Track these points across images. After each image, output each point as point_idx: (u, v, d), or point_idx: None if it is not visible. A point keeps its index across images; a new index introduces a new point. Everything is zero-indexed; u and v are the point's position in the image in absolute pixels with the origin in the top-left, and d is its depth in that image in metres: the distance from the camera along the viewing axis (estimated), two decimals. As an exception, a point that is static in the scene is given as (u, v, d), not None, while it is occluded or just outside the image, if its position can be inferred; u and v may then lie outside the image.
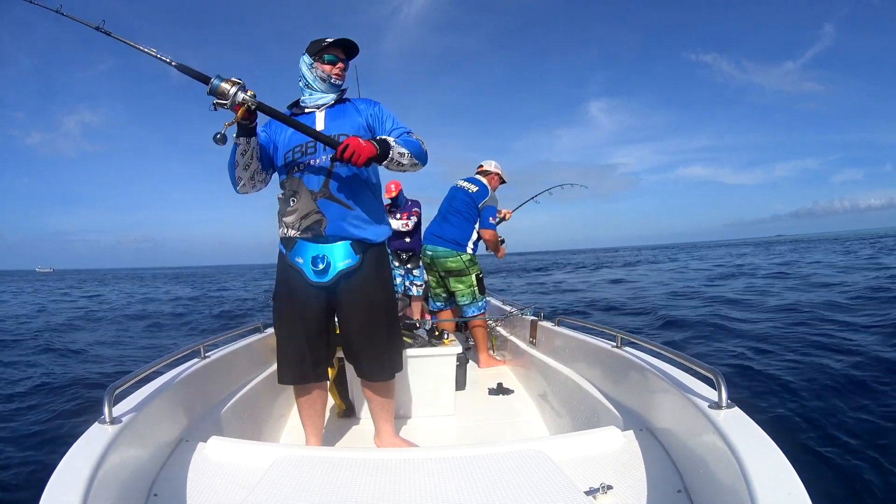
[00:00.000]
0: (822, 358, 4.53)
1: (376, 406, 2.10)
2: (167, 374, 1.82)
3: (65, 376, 5.13)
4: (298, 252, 1.88)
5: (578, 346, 2.51)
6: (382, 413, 2.11)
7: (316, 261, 1.85)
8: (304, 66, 1.95)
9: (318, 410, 2.08)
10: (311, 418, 2.08)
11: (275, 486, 1.34)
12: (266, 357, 2.79)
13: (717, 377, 1.34)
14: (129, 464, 1.30)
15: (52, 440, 3.33)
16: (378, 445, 2.13)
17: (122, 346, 7.64)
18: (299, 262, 1.88)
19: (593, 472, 1.43)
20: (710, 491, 1.21)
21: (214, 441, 1.62)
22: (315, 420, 2.08)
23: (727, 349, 5.25)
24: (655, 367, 1.73)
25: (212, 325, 10.08)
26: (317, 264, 1.85)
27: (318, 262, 1.84)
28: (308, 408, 2.06)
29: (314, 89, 1.95)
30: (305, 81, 1.95)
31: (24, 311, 14.13)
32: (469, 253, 3.64)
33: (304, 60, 1.95)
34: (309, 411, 2.06)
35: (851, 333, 5.47)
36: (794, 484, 0.96)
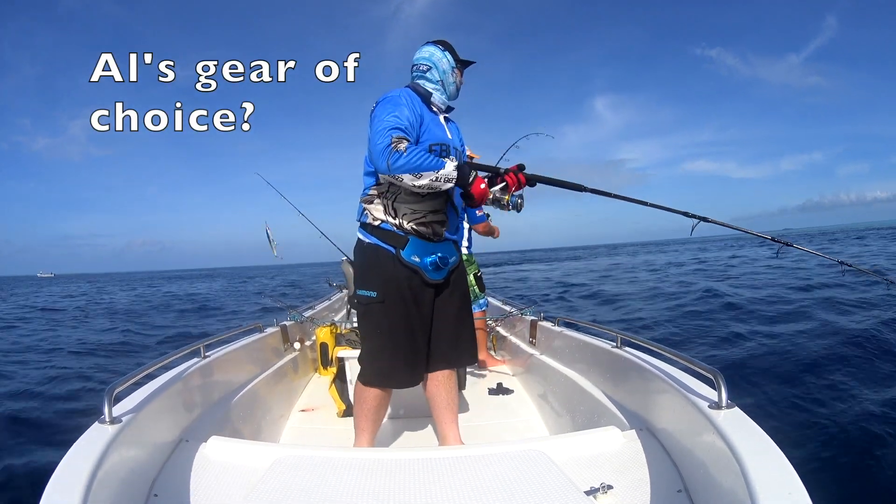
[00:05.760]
0: (822, 358, 4.53)
1: (443, 404, 2.00)
2: (167, 374, 1.81)
3: (69, 372, 5.13)
4: (414, 250, 1.82)
5: (578, 346, 2.51)
6: (449, 413, 2.01)
7: (435, 259, 1.84)
8: (447, 64, 1.93)
9: (383, 414, 2.04)
10: (377, 423, 2.02)
11: (275, 486, 1.34)
12: (266, 357, 2.79)
13: (717, 377, 1.34)
14: (130, 464, 1.30)
15: (52, 440, 3.33)
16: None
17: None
18: (415, 261, 1.82)
19: (593, 472, 1.44)
20: (710, 491, 1.21)
21: (214, 441, 1.62)
22: (377, 426, 2.03)
23: (727, 348, 5.25)
24: (655, 367, 1.73)
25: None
26: (436, 263, 1.84)
27: (437, 261, 1.85)
28: (378, 413, 1.98)
29: (445, 91, 1.96)
30: (442, 78, 1.94)
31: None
32: (465, 253, 3.64)
33: (448, 58, 1.93)
34: (378, 415, 1.99)
35: (853, 334, 5.46)
36: (795, 484, 0.96)
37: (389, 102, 1.77)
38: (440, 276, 1.87)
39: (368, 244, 1.86)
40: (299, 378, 3.07)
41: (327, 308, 4.48)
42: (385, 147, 1.62)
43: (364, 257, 1.88)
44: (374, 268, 1.85)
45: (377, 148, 1.65)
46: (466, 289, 2.08)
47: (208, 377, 2.08)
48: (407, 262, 1.81)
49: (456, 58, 1.94)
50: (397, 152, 1.61)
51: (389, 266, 1.82)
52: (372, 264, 1.86)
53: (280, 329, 3.12)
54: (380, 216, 1.83)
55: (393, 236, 1.82)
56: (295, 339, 3.22)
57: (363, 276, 1.90)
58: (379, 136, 1.65)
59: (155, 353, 6.67)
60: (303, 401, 2.85)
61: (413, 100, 1.83)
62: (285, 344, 3.10)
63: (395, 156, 1.61)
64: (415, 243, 1.81)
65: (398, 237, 1.81)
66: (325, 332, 3.08)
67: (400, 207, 1.80)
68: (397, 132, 1.67)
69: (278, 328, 3.12)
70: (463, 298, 2.02)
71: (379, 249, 1.83)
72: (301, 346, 3.21)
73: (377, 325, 1.88)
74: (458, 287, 1.99)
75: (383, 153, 1.62)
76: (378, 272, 1.84)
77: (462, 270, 2.06)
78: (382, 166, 1.64)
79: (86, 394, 4.44)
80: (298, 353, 3.13)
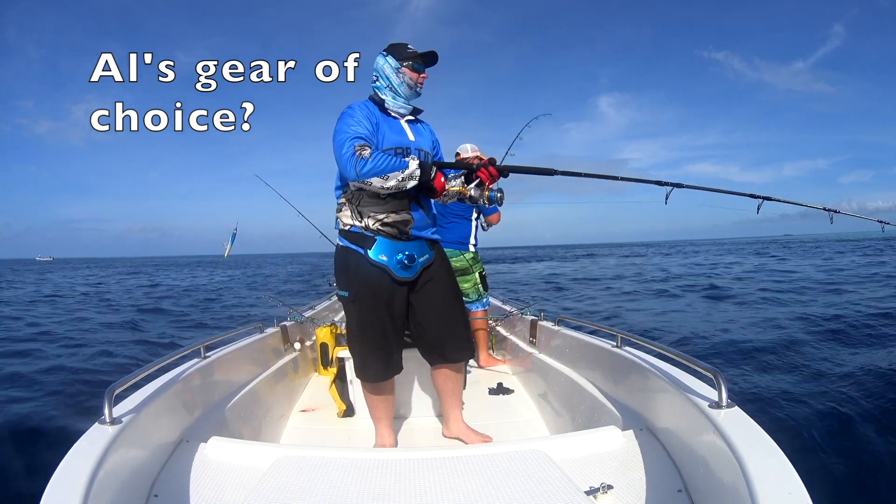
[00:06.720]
0: (823, 357, 4.53)
1: (448, 392, 2.16)
2: (167, 374, 1.81)
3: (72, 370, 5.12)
4: (381, 250, 1.90)
5: (578, 346, 2.51)
6: (453, 399, 2.17)
7: (402, 258, 1.90)
8: (389, 69, 1.96)
9: (392, 402, 2.15)
10: (387, 411, 2.12)
11: (275, 486, 1.34)
12: (266, 357, 2.79)
13: (717, 377, 1.34)
14: (130, 464, 1.30)
15: (52, 440, 3.33)
16: (446, 436, 2.21)
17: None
18: (383, 260, 1.90)
19: (593, 471, 1.44)
20: (710, 491, 1.21)
21: (214, 441, 1.62)
22: (389, 413, 2.14)
23: (727, 348, 5.25)
24: (655, 367, 1.73)
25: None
26: (402, 261, 1.91)
27: (405, 259, 1.91)
28: (384, 401, 2.09)
29: (398, 94, 1.98)
30: (389, 84, 1.97)
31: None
32: (472, 251, 3.64)
33: (389, 63, 1.96)
34: (385, 404, 2.10)
35: (855, 333, 5.47)
36: (795, 483, 0.96)
37: (346, 115, 1.88)
38: (409, 274, 1.94)
39: (341, 247, 1.98)
40: (299, 378, 3.07)
41: (327, 308, 4.47)
42: (350, 156, 1.74)
43: (338, 259, 2.00)
44: (345, 269, 1.96)
45: (343, 158, 1.76)
46: (452, 285, 2.12)
47: (208, 377, 2.08)
48: (374, 262, 1.90)
49: (403, 55, 1.95)
50: (363, 159, 1.73)
51: (359, 266, 1.92)
52: (344, 265, 1.97)
53: (280, 329, 3.12)
54: (349, 221, 1.93)
55: (361, 238, 1.91)
56: (295, 340, 3.22)
57: (337, 277, 2.02)
58: (342, 147, 1.76)
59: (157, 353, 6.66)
60: (303, 401, 2.85)
61: (369, 108, 1.93)
62: (285, 344, 3.11)
63: (361, 162, 1.73)
64: (381, 243, 1.90)
65: (366, 238, 1.91)
66: (325, 332, 3.08)
67: (364, 210, 1.90)
68: (358, 140, 1.77)
69: (278, 328, 3.12)
70: (448, 294, 2.07)
71: (349, 251, 1.94)
72: (301, 346, 3.21)
73: (352, 322, 2.02)
74: (439, 283, 2.03)
75: (349, 161, 1.73)
76: (349, 273, 1.95)
77: (445, 266, 2.09)
78: (351, 174, 1.75)
79: (86, 394, 4.44)
80: (298, 353, 3.13)
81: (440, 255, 2.08)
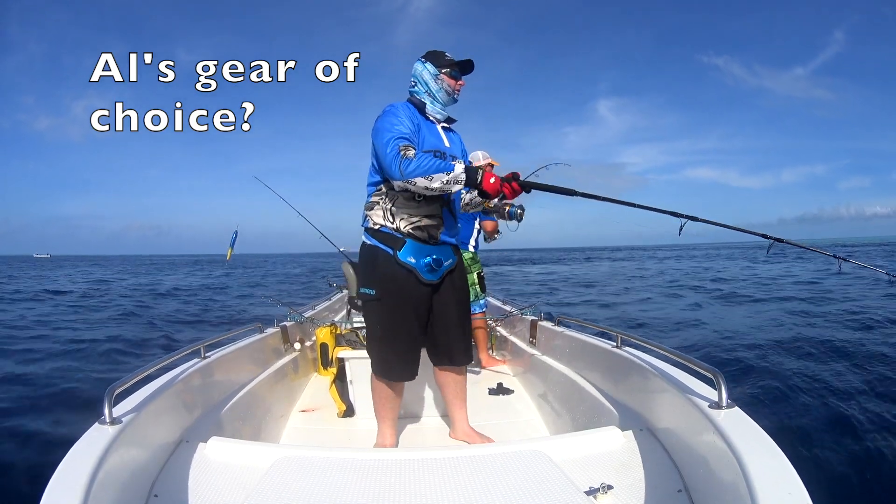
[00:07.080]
0: (823, 357, 4.53)
1: (452, 393, 2.18)
2: (167, 375, 1.81)
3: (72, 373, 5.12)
4: (410, 252, 1.92)
5: (578, 346, 2.51)
6: (458, 401, 2.20)
7: (430, 261, 1.93)
8: (428, 75, 2.00)
9: (399, 403, 2.16)
10: (394, 411, 2.13)
11: (275, 486, 1.34)
12: (266, 357, 2.79)
13: (717, 377, 1.34)
14: (130, 464, 1.30)
15: (52, 440, 3.32)
16: (453, 437, 2.23)
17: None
18: (411, 262, 1.92)
19: (593, 471, 1.44)
20: (710, 491, 1.21)
21: (214, 441, 1.62)
22: (395, 413, 2.15)
23: (727, 348, 5.25)
24: (655, 367, 1.73)
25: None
26: (430, 264, 1.93)
27: (432, 263, 1.93)
28: (394, 401, 2.11)
29: (436, 100, 2.02)
30: (427, 89, 2.01)
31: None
32: (471, 251, 3.64)
33: (428, 69, 2.00)
34: (393, 403, 2.11)
35: (855, 333, 5.47)
36: (795, 484, 0.96)
37: (390, 114, 1.89)
38: (435, 277, 1.97)
39: (369, 246, 1.98)
40: (299, 378, 3.07)
41: (327, 308, 4.48)
42: (395, 155, 1.75)
43: (365, 258, 2.01)
44: (373, 268, 1.97)
45: (387, 157, 1.77)
46: (466, 291, 2.16)
47: (208, 378, 2.08)
48: (403, 263, 1.91)
49: (442, 63, 1.99)
50: (407, 159, 1.74)
51: (387, 266, 1.93)
52: (371, 264, 1.97)
53: (280, 329, 3.12)
54: (379, 220, 1.94)
55: (391, 238, 1.93)
56: (295, 340, 3.22)
57: (364, 275, 2.03)
58: (387, 146, 1.78)
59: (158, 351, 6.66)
60: (303, 401, 2.85)
61: (410, 110, 1.96)
62: (285, 344, 3.10)
63: (406, 162, 1.74)
64: (411, 245, 1.92)
65: (396, 239, 1.92)
66: (325, 332, 3.08)
67: (397, 212, 1.91)
68: (403, 140, 1.79)
69: (278, 328, 3.12)
70: (461, 301, 2.10)
71: (378, 250, 1.95)
72: (301, 346, 3.21)
73: (376, 321, 2.02)
74: (455, 289, 2.07)
75: (394, 161, 1.75)
76: (376, 272, 1.96)
77: (462, 274, 2.12)
78: (395, 173, 1.76)
79: (86, 394, 4.44)
80: (298, 353, 3.13)
81: (461, 262, 2.12)
